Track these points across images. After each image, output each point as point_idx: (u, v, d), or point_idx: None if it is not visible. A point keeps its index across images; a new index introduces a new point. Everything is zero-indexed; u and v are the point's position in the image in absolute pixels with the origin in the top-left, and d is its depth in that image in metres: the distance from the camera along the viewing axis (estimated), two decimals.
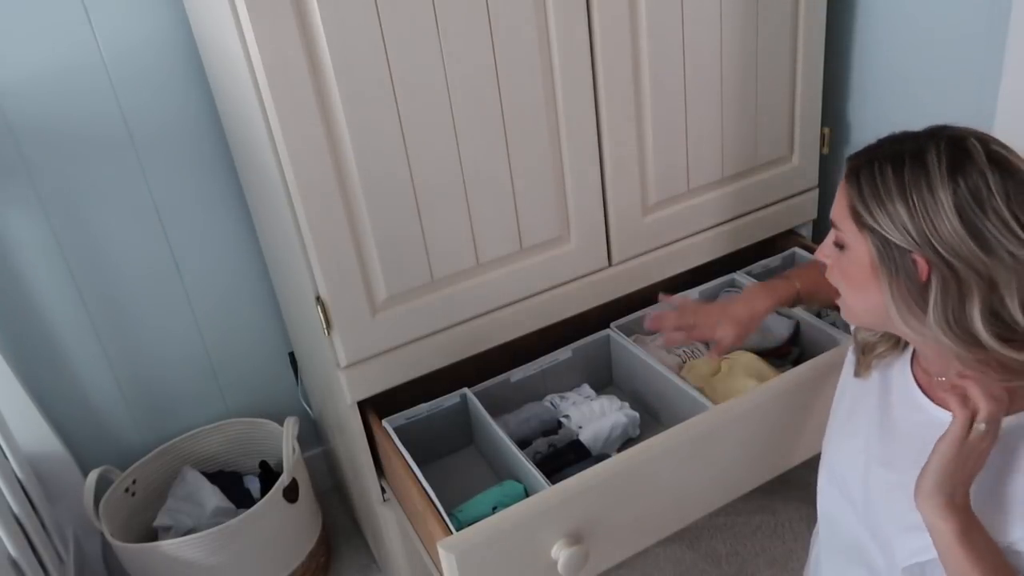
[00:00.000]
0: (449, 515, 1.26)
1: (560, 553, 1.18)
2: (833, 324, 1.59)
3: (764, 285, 1.34)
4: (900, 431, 0.98)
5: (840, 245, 0.93)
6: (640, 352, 1.57)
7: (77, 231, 1.63)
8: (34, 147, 1.53)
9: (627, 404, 1.53)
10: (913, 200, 0.83)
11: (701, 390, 1.47)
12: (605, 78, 1.39)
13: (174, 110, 1.62)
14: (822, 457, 1.11)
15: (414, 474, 1.33)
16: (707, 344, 1.64)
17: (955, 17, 1.49)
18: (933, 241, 0.83)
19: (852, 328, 1.07)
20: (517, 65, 1.30)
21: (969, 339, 0.85)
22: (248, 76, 1.16)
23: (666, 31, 1.42)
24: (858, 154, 0.92)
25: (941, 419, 0.93)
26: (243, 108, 1.29)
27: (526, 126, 1.35)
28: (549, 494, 1.19)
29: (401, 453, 1.37)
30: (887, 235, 0.85)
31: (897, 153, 0.87)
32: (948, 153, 0.84)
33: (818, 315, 1.63)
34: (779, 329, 1.62)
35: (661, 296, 1.41)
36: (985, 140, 0.85)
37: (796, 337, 1.63)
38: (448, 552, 1.12)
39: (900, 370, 1.01)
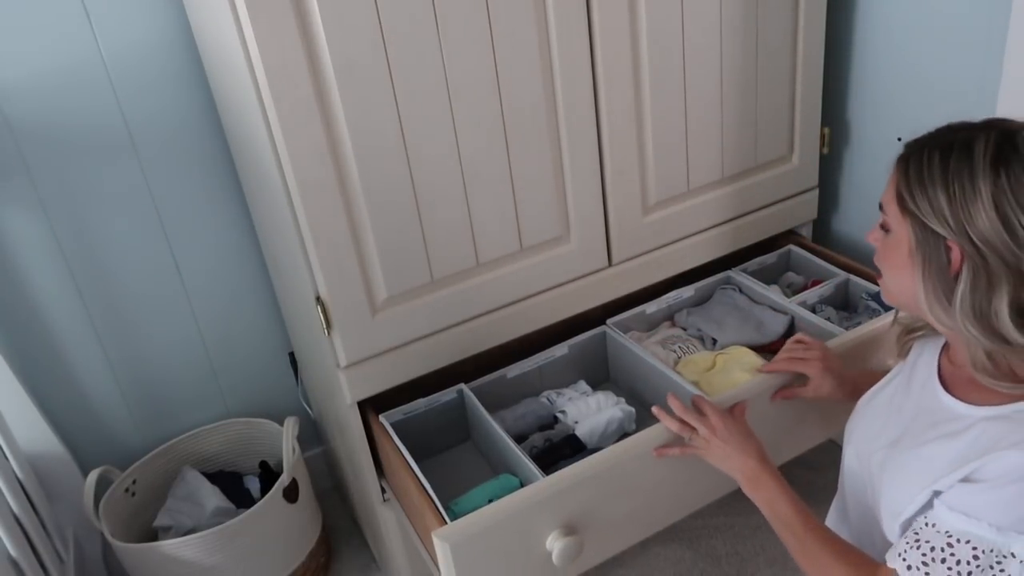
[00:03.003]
0: (445, 508, 1.27)
1: (555, 544, 1.19)
2: (828, 319, 1.60)
3: (877, 376, 1.20)
4: (911, 414, 1.00)
5: (886, 228, 0.95)
6: (636, 348, 1.57)
7: (77, 231, 1.63)
8: (34, 147, 1.53)
9: (623, 400, 1.53)
10: (954, 188, 0.85)
11: (696, 384, 1.47)
12: (605, 78, 1.40)
13: (174, 110, 1.62)
14: (847, 427, 1.13)
15: (410, 468, 1.33)
16: (701, 340, 1.65)
17: (955, 17, 1.49)
18: (968, 230, 0.84)
19: (896, 312, 1.09)
20: (517, 65, 1.30)
21: (994, 332, 0.86)
22: (248, 76, 1.16)
23: (666, 32, 1.42)
24: (913, 141, 0.93)
25: (950, 407, 0.94)
26: (243, 108, 1.29)
27: (526, 126, 1.35)
28: (543, 485, 1.20)
29: (398, 448, 1.37)
30: (925, 221, 0.87)
31: (948, 142, 0.88)
32: (995, 145, 0.84)
33: (812, 310, 1.64)
34: (774, 325, 1.63)
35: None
36: None
37: (791, 333, 1.63)
38: (443, 542, 1.13)
39: (929, 356, 1.02)
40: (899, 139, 0.94)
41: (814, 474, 1.96)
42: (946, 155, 0.86)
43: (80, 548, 1.76)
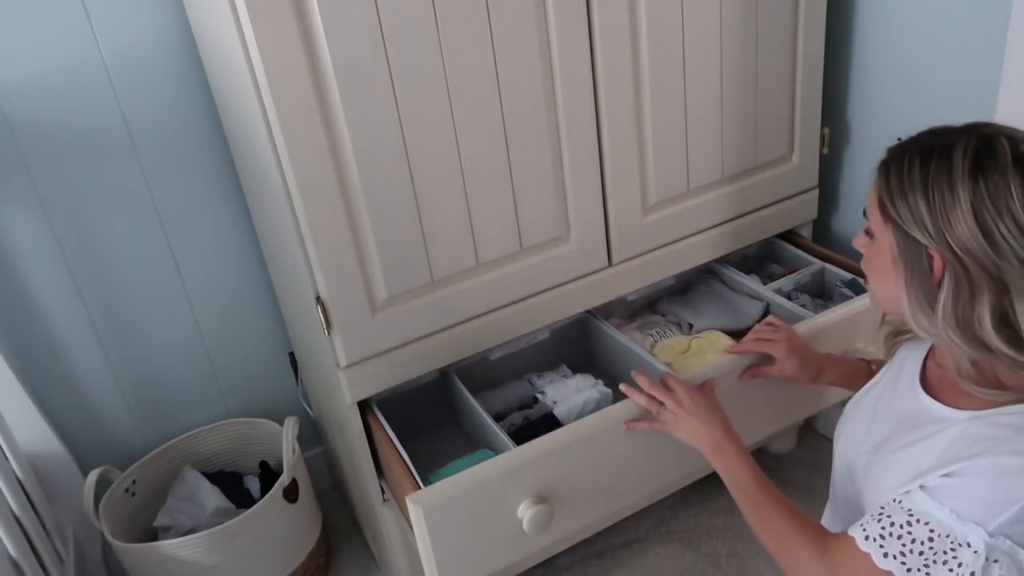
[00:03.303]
0: (424, 480, 1.30)
1: (526, 512, 1.24)
2: (803, 306, 1.63)
3: (840, 358, 1.33)
4: (895, 418, 1.00)
5: (870, 234, 0.95)
6: (614, 333, 1.61)
7: (77, 231, 1.63)
8: (34, 147, 1.54)
9: (601, 382, 1.56)
10: (933, 195, 0.84)
11: (670, 366, 1.51)
12: (605, 78, 1.40)
13: (174, 110, 1.62)
14: (836, 429, 1.14)
15: (392, 443, 1.36)
16: (679, 325, 1.69)
17: (955, 17, 1.49)
18: (948, 238, 0.83)
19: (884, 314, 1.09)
20: (517, 65, 1.30)
21: (976, 340, 0.85)
22: (248, 76, 1.17)
23: (666, 31, 1.42)
24: (895, 147, 0.93)
25: (933, 410, 0.94)
26: (243, 108, 1.29)
27: (526, 126, 1.35)
28: (514, 454, 1.25)
29: (381, 423, 1.40)
30: (906, 228, 0.87)
31: (928, 147, 0.87)
32: (974, 151, 0.84)
33: (788, 297, 1.68)
34: (750, 311, 1.67)
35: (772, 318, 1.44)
36: (1018, 140, 0.85)
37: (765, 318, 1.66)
38: (416, 506, 1.17)
39: (915, 359, 1.02)
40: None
41: (814, 474, 1.96)
42: (926, 161, 0.86)
43: (80, 548, 1.76)
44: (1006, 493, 0.82)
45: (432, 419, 1.60)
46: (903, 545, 0.85)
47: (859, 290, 1.63)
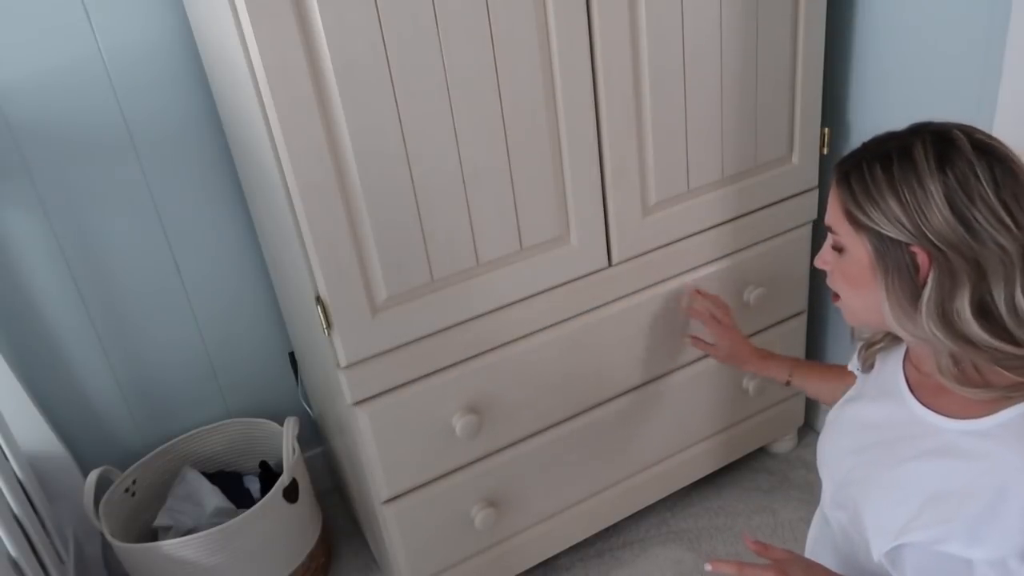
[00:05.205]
0: None
1: (458, 421, 1.47)
2: None
3: (768, 356, 1.51)
4: (881, 426, 1.00)
5: (839, 249, 0.95)
6: None
7: (77, 231, 1.63)
8: (34, 147, 1.54)
9: None
10: (904, 194, 0.85)
11: None
12: (605, 78, 1.39)
13: (174, 111, 1.62)
14: (819, 446, 1.13)
15: None
16: None
17: (955, 17, 1.49)
18: (926, 232, 0.84)
19: (853, 328, 1.09)
20: (517, 65, 1.30)
21: (958, 333, 0.86)
22: (248, 77, 1.17)
23: (666, 31, 1.42)
24: (845, 159, 0.94)
25: (922, 417, 0.94)
26: (243, 108, 1.29)
27: (526, 126, 1.35)
28: (449, 370, 1.45)
29: None
30: (882, 231, 0.87)
31: (884, 152, 0.89)
32: (934, 145, 0.86)
33: None
34: None
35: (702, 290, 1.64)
36: (969, 131, 0.87)
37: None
38: (362, 411, 1.38)
39: (893, 365, 1.02)
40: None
41: (814, 474, 1.96)
42: (887, 165, 0.87)
43: (80, 548, 1.76)
44: None
45: None
46: None
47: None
